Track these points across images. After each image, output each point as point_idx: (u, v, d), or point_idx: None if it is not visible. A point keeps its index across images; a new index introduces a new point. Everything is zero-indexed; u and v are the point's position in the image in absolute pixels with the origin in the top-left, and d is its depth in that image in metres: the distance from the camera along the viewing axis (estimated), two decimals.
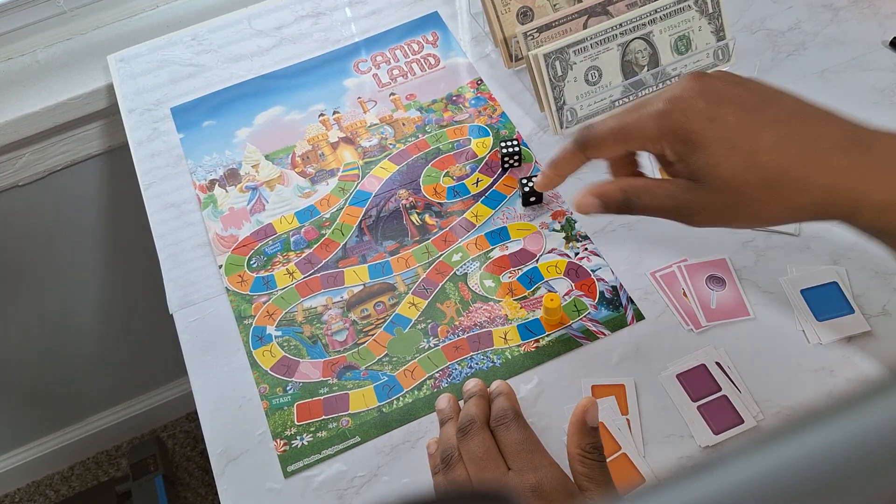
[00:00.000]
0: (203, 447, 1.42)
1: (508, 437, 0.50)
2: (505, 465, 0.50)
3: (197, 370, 0.60)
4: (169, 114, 0.78)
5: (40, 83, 0.88)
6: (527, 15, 0.74)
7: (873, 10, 0.77)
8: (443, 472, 0.50)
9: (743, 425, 0.53)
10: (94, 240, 1.09)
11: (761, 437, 0.18)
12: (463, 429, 0.52)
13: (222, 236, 0.68)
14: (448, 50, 0.80)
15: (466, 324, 0.61)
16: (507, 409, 0.52)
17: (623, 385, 0.56)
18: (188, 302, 0.64)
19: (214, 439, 0.57)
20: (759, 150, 0.40)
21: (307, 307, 0.63)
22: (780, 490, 0.17)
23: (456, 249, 0.65)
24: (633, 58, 0.70)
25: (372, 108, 0.76)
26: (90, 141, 0.94)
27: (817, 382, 0.55)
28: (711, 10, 0.70)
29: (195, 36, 0.85)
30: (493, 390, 0.55)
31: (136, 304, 1.21)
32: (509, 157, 0.68)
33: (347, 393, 0.58)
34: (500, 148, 0.68)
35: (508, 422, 0.51)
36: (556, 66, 0.67)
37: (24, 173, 0.93)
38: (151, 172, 0.74)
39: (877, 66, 0.72)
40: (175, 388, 1.42)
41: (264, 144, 0.74)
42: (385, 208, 0.68)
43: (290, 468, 0.55)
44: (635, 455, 0.53)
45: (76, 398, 1.34)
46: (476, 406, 0.53)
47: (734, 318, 0.58)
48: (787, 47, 0.75)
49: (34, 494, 1.43)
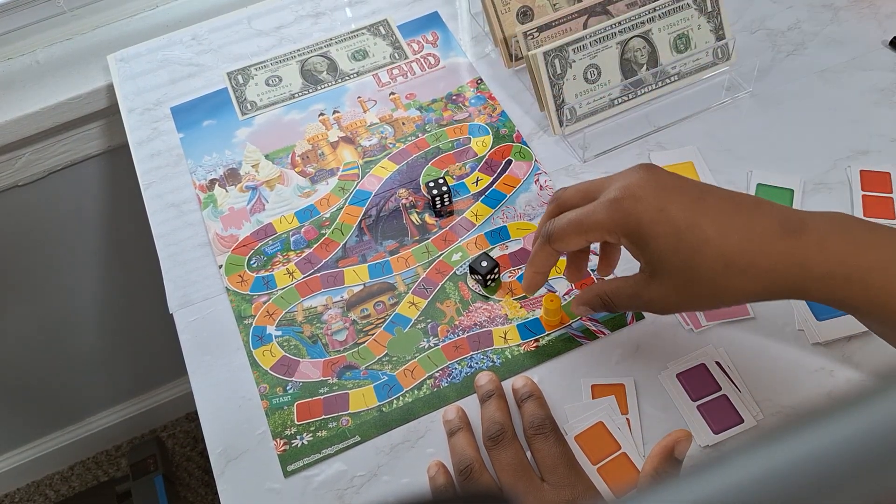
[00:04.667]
0: (203, 447, 1.42)
1: (546, 450, 0.51)
2: (538, 476, 0.50)
3: (197, 370, 0.60)
4: (169, 114, 0.78)
5: (40, 83, 0.88)
6: (527, 14, 0.74)
7: (873, 10, 0.77)
8: (461, 484, 0.50)
9: (743, 425, 0.53)
10: (94, 240, 1.09)
11: (761, 436, 0.18)
12: (493, 438, 0.52)
13: (222, 236, 0.68)
14: (448, 50, 0.80)
15: (466, 323, 0.61)
16: (545, 419, 0.52)
17: (623, 385, 0.56)
18: (188, 302, 0.64)
19: (214, 439, 0.57)
20: (704, 242, 0.43)
21: (307, 307, 0.63)
22: (781, 490, 0.17)
23: (456, 249, 0.65)
24: (633, 56, 0.70)
25: (372, 108, 0.76)
26: (90, 141, 0.94)
27: (817, 382, 0.55)
28: (710, 9, 0.70)
29: (195, 36, 0.85)
30: (518, 389, 0.55)
31: (136, 304, 1.21)
32: (438, 197, 0.66)
33: (347, 392, 0.58)
34: (429, 186, 0.66)
35: (547, 433, 0.52)
36: (555, 65, 0.67)
37: (24, 173, 0.93)
38: (151, 172, 0.74)
39: (877, 66, 0.72)
40: (175, 388, 1.42)
41: (264, 144, 0.74)
42: (385, 208, 0.68)
43: (290, 468, 0.55)
44: (635, 455, 0.53)
45: (76, 398, 1.34)
46: (500, 411, 0.53)
47: (734, 318, 0.58)
48: (787, 47, 0.75)
49: (34, 494, 1.43)
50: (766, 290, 0.44)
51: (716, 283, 0.44)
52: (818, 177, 0.66)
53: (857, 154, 0.66)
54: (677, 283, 0.45)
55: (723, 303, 0.45)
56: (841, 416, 0.17)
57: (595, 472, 0.52)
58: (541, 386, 0.56)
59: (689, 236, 0.43)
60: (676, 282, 0.45)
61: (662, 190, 0.45)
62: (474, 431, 0.54)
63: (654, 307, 0.48)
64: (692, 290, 0.45)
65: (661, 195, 0.44)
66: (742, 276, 0.43)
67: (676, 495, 0.18)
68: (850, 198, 0.64)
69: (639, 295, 0.47)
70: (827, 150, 0.67)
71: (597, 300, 0.50)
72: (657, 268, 0.45)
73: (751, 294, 0.44)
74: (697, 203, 0.44)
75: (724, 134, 0.69)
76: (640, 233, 0.45)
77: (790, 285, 0.43)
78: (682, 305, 0.48)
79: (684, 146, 0.69)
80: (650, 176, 0.46)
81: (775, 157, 0.67)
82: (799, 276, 0.43)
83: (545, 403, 0.54)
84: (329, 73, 0.79)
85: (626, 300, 0.48)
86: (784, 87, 0.72)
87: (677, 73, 0.72)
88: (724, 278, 0.43)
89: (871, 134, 0.68)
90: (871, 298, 0.42)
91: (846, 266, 0.42)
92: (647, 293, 0.46)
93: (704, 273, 0.44)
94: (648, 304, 0.47)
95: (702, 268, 0.43)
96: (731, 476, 0.17)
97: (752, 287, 0.44)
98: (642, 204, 0.44)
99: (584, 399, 0.55)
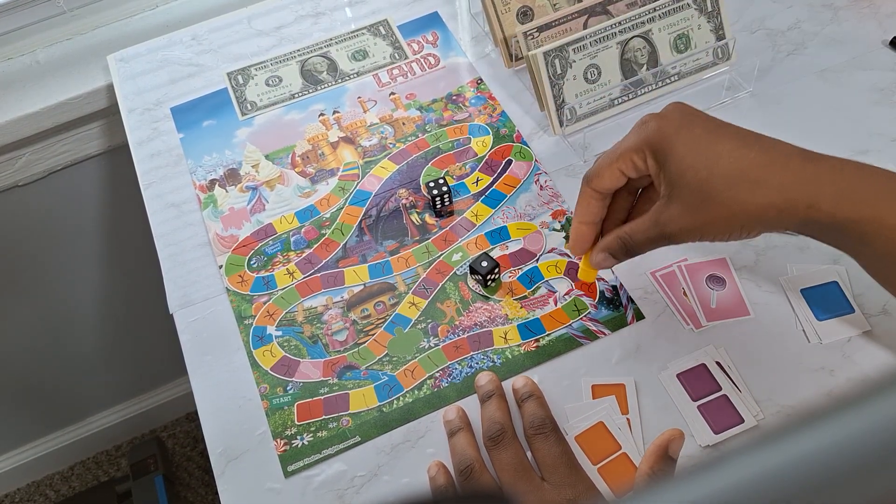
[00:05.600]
0: (203, 447, 1.42)
1: (547, 450, 0.51)
2: (538, 476, 0.50)
3: (197, 370, 0.60)
4: (169, 114, 0.78)
5: (40, 83, 0.88)
6: (527, 14, 0.74)
7: (873, 10, 0.77)
8: (461, 484, 0.50)
9: (743, 425, 0.53)
10: (94, 240, 1.09)
11: (761, 436, 0.18)
12: (493, 438, 0.52)
13: (222, 236, 0.68)
14: (448, 50, 0.80)
15: (466, 323, 0.61)
16: (545, 419, 0.53)
17: (623, 384, 0.56)
18: (188, 302, 0.64)
19: (214, 439, 0.57)
20: (720, 155, 0.45)
21: (307, 307, 0.63)
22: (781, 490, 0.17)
23: (456, 249, 0.65)
24: (633, 56, 0.70)
25: (372, 108, 0.76)
26: (90, 141, 0.94)
27: (817, 382, 0.55)
28: (710, 9, 0.70)
29: (195, 36, 0.85)
30: (518, 389, 0.55)
31: (136, 304, 1.21)
32: (438, 197, 0.66)
33: (347, 393, 0.58)
34: (429, 187, 0.66)
35: (547, 433, 0.52)
36: (555, 65, 0.67)
37: (24, 173, 0.93)
38: (151, 172, 0.74)
39: (877, 66, 0.72)
40: (175, 388, 1.42)
41: (264, 144, 0.74)
42: (385, 208, 0.68)
43: (290, 468, 0.55)
44: (636, 455, 0.53)
45: (76, 398, 1.34)
46: (500, 411, 0.53)
47: (734, 318, 0.58)
48: (787, 47, 0.75)
49: (34, 494, 1.43)
50: (776, 207, 0.44)
51: (729, 197, 0.44)
52: None
53: (857, 154, 0.66)
54: (693, 203, 0.46)
55: (734, 223, 0.45)
56: (841, 416, 0.17)
57: (595, 472, 0.52)
58: (541, 386, 0.56)
59: (707, 150, 0.45)
60: (692, 200, 0.46)
61: (688, 114, 0.47)
62: (474, 431, 0.54)
63: (670, 232, 0.48)
64: (707, 210, 0.45)
65: (686, 116, 0.47)
66: (755, 189, 0.44)
67: (677, 495, 0.18)
68: None
69: (656, 222, 0.48)
70: (827, 150, 0.66)
71: (616, 242, 0.51)
72: (675, 186, 0.46)
73: (761, 210, 0.44)
74: (720, 125, 0.47)
75: None
76: (662, 148, 0.46)
77: (802, 202, 0.43)
78: (697, 230, 0.47)
79: None
80: (678, 105, 0.49)
81: None
82: (812, 193, 0.43)
83: (545, 403, 0.54)
84: (329, 73, 0.79)
85: (644, 234, 0.49)
86: (784, 87, 0.72)
87: (677, 73, 0.72)
88: (737, 191, 0.44)
89: (871, 134, 0.68)
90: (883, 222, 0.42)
91: (859, 192, 0.43)
92: (665, 216, 0.47)
93: (719, 185, 0.44)
94: (665, 228, 0.47)
95: (717, 181, 0.44)
96: (731, 476, 0.17)
97: (764, 201, 0.44)
98: (666, 121, 0.47)
99: (584, 399, 0.55)
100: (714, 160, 0.45)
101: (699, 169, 0.45)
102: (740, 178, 0.44)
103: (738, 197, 0.44)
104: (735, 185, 0.44)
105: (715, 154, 0.45)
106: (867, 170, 0.45)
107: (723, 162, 0.45)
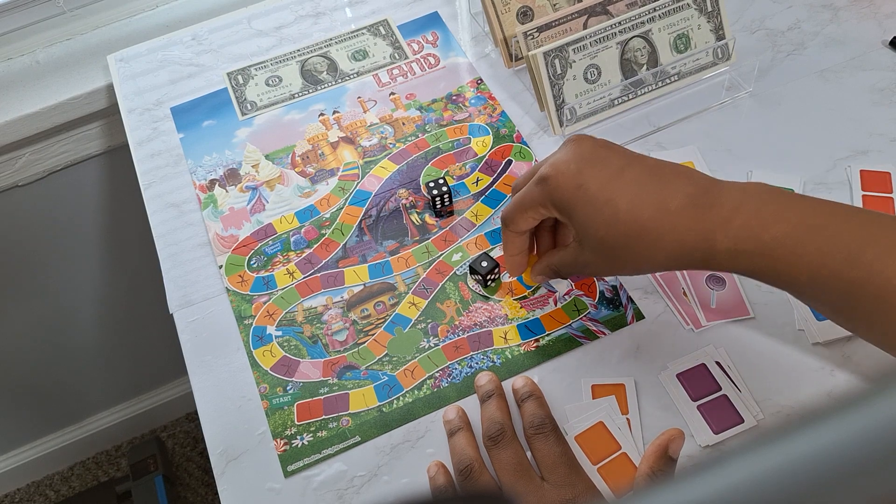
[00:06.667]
0: (203, 447, 1.42)
1: (547, 449, 0.51)
2: (538, 476, 0.50)
3: (197, 370, 0.61)
4: (169, 114, 0.78)
5: (40, 83, 0.88)
6: (527, 15, 0.74)
7: (873, 10, 0.77)
8: (461, 484, 0.50)
9: (743, 425, 0.53)
10: (94, 240, 1.09)
11: (760, 437, 0.18)
12: (493, 437, 0.52)
13: (222, 236, 0.68)
14: (448, 50, 0.80)
15: (466, 323, 0.61)
16: (545, 419, 0.53)
17: (623, 385, 0.56)
18: (188, 302, 0.64)
19: (214, 439, 0.57)
20: (616, 213, 0.46)
21: (307, 307, 0.63)
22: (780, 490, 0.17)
23: (456, 249, 0.65)
24: (633, 56, 0.70)
25: (372, 108, 0.76)
26: (90, 141, 0.94)
27: (817, 382, 0.55)
28: (710, 9, 0.70)
29: (195, 36, 0.85)
30: (518, 389, 0.55)
31: (136, 304, 1.21)
32: (438, 197, 0.66)
33: (347, 393, 0.58)
34: (429, 187, 0.66)
35: (547, 433, 0.52)
36: (555, 65, 0.67)
37: (24, 173, 0.93)
38: (151, 172, 0.74)
39: (877, 66, 0.72)
40: (175, 388, 1.42)
41: (264, 144, 0.74)
42: (385, 208, 0.68)
43: (290, 468, 0.55)
44: (636, 455, 0.53)
45: (76, 398, 1.34)
46: (500, 410, 0.53)
47: (734, 318, 0.58)
48: (787, 47, 0.75)
49: (34, 494, 1.43)
50: (677, 259, 0.46)
51: (632, 251, 0.47)
52: (818, 176, 0.66)
53: (856, 154, 0.66)
54: (601, 252, 0.48)
55: (642, 270, 0.49)
56: (841, 416, 0.17)
57: (595, 472, 0.52)
58: (541, 386, 0.56)
59: (606, 210, 0.46)
60: (600, 250, 0.48)
61: (585, 164, 0.48)
62: (474, 431, 0.54)
63: (589, 272, 0.52)
64: (614, 258, 0.48)
65: (582, 170, 0.47)
66: (654, 246, 0.46)
67: (677, 495, 0.18)
68: (850, 197, 0.64)
69: (576, 261, 0.51)
70: (827, 150, 0.67)
71: (548, 269, 0.54)
72: (583, 237, 0.49)
73: (665, 262, 0.47)
74: (616, 177, 0.47)
75: (724, 134, 0.69)
76: (564, 207, 0.48)
77: (699, 257, 0.46)
78: (611, 271, 0.52)
79: (684, 146, 0.69)
80: (576, 150, 0.49)
81: (775, 156, 0.67)
82: (706, 248, 0.45)
83: (545, 403, 0.54)
84: (329, 73, 0.79)
85: (569, 267, 0.52)
86: (784, 87, 0.72)
87: (677, 73, 0.72)
88: (638, 247, 0.46)
89: (871, 134, 0.68)
90: (778, 270, 0.44)
91: (751, 241, 0.44)
92: (581, 259, 0.50)
93: (621, 243, 0.47)
94: (584, 269, 0.51)
95: (618, 239, 0.47)
96: (731, 476, 0.17)
97: (665, 256, 0.46)
98: (564, 178, 0.48)
99: (584, 399, 0.55)
100: (612, 220, 0.46)
101: (598, 228, 0.47)
102: (638, 238, 0.46)
103: (641, 253, 0.47)
104: (634, 244, 0.46)
105: (612, 213, 0.46)
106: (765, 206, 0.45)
107: (620, 221, 0.46)
